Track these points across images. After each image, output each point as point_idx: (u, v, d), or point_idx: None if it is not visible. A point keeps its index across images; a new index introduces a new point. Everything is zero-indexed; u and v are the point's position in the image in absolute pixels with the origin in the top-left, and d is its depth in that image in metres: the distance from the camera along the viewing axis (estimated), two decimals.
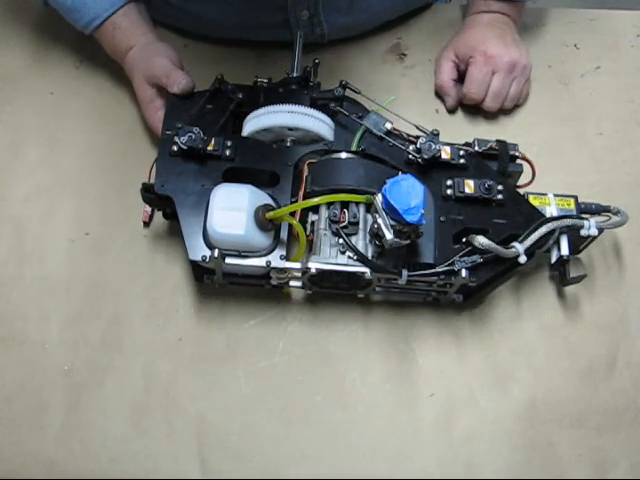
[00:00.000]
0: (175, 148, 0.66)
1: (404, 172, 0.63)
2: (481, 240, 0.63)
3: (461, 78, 0.81)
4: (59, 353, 0.68)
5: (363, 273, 0.62)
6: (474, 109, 0.81)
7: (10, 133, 0.79)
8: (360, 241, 0.63)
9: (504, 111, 0.81)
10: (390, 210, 0.58)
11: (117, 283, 0.71)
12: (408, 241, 0.60)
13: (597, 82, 0.85)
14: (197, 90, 0.71)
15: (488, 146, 0.69)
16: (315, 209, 0.66)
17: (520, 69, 0.79)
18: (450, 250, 0.64)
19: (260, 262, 0.63)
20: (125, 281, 0.71)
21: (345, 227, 0.63)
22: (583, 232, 0.66)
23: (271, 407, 0.67)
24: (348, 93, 0.70)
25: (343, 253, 0.63)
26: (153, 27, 0.79)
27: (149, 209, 0.73)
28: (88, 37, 0.77)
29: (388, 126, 0.68)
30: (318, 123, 0.67)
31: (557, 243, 0.67)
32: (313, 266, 0.62)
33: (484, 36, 0.79)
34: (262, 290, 0.70)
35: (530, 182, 0.70)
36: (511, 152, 0.69)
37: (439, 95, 0.83)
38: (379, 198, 0.60)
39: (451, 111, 0.82)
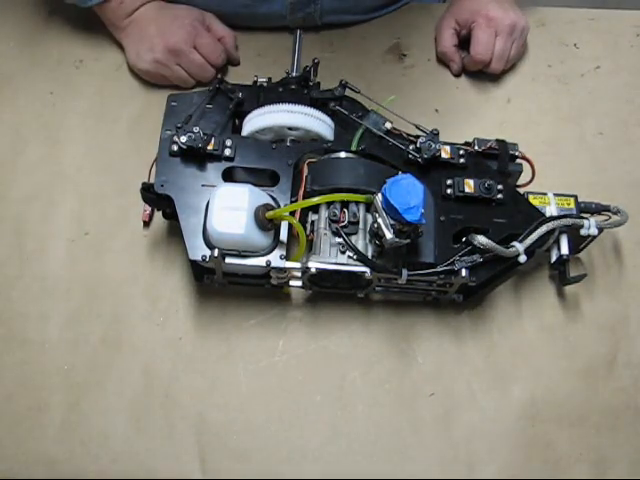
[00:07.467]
0: (175, 148, 0.66)
1: (404, 171, 0.63)
2: (481, 239, 0.63)
3: (461, 44, 0.83)
4: (59, 353, 0.68)
5: (363, 272, 0.62)
6: (474, 106, 0.81)
7: (10, 133, 0.79)
8: (360, 241, 0.63)
9: (504, 110, 0.82)
10: (390, 209, 0.58)
11: (117, 283, 0.71)
12: (408, 240, 0.60)
13: (597, 82, 0.85)
14: (197, 90, 0.71)
15: (488, 145, 0.69)
16: (315, 209, 0.66)
17: (519, 31, 0.82)
18: (450, 249, 0.64)
19: (260, 262, 0.63)
20: (125, 281, 0.71)
21: (345, 227, 0.63)
22: (583, 231, 0.66)
23: (271, 407, 0.67)
24: (348, 93, 0.70)
25: (343, 253, 0.63)
26: None
27: (149, 209, 0.73)
28: (88, 37, 0.77)
29: (388, 126, 0.68)
30: (318, 122, 0.67)
31: (557, 242, 0.68)
32: (313, 266, 0.62)
33: (483, 0, 0.82)
34: (262, 290, 0.69)
35: (530, 181, 0.70)
36: (511, 152, 0.69)
37: (443, 61, 0.85)
38: (379, 197, 0.59)
39: (457, 75, 0.84)
